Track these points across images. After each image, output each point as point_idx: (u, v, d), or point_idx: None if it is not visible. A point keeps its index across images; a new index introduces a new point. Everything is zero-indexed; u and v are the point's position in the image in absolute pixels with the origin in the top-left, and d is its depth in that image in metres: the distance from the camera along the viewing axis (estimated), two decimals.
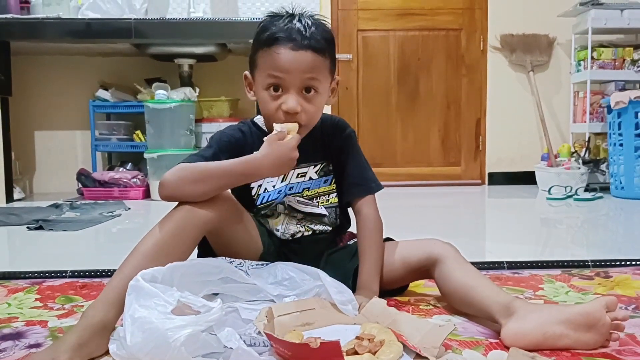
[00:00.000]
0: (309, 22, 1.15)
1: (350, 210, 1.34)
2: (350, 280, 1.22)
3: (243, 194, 1.24)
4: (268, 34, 1.14)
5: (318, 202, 1.27)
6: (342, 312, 1.08)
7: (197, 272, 1.03)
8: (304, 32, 1.12)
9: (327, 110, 3.93)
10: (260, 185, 1.23)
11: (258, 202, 1.23)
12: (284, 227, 1.25)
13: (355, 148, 1.30)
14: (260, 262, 1.17)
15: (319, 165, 1.27)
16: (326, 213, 1.27)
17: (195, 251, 1.20)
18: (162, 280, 0.94)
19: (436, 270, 1.18)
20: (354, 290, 1.16)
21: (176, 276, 0.97)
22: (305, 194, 1.25)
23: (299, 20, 1.14)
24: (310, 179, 1.26)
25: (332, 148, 1.28)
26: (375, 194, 1.29)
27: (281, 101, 1.14)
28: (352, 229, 1.37)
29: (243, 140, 1.23)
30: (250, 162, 1.10)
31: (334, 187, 1.28)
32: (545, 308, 1.02)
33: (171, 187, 1.07)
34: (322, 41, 1.14)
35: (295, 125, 1.14)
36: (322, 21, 1.19)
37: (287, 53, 1.11)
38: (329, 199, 1.28)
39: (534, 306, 1.02)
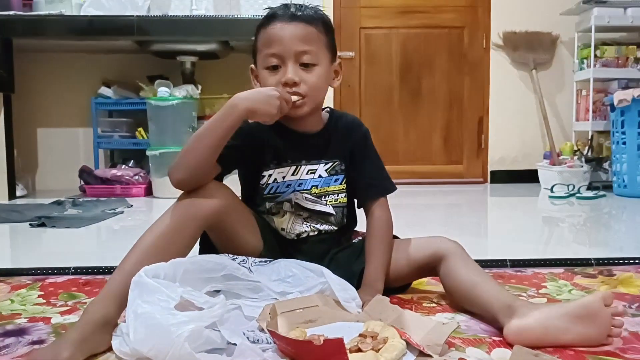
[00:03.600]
0: (304, 6, 1.21)
1: (357, 209, 1.34)
2: (356, 280, 1.21)
3: (252, 184, 1.24)
4: (265, 16, 1.20)
5: (327, 200, 1.26)
6: (345, 309, 1.08)
7: (200, 268, 1.03)
8: (297, 8, 1.19)
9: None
10: (270, 175, 1.23)
11: (265, 192, 1.23)
12: (290, 227, 1.25)
13: (371, 148, 1.30)
14: (264, 259, 1.17)
15: (330, 164, 1.26)
16: (333, 212, 1.26)
17: (197, 248, 1.20)
18: (165, 277, 0.94)
19: (441, 267, 1.19)
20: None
21: (179, 273, 0.97)
22: (313, 192, 1.25)
23: (294, 5, 1.20)
24: (320, 176, 1.25)
25: (346, 147, 1.27)
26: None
27: (280, 75, 1.16)
28: (358, 227, 1.37)
29: (254, 125, 1.22)
30: (230, 100, 1.10)
31: (344, 187, 1.28)
32: (546, 306, 1.02)
33: (175, 169, 1.10)
34: (315, 17, 1.19)
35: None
36: (319, 9, 1.23)
37: (280, 25, 1.17)
38: (337, 199, 1.27)
39: (535, 305, 1.03)
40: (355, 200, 1.33)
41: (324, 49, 1.20)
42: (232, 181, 1.27)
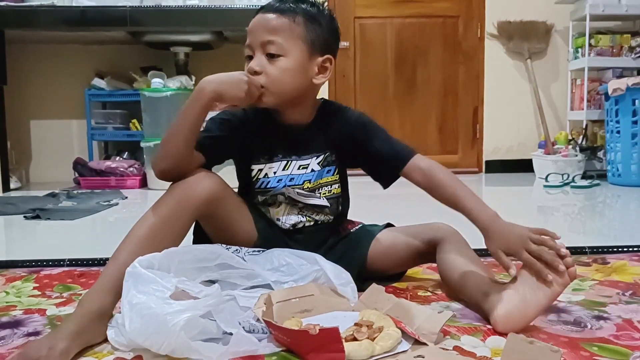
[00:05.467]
0: None
1: (351, 197, 1.34)
2: (356, 269, 1.21)
3: (245, 176, 1.24)
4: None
5: (320, 193, 1.25)
6: (341, 295, 1.08)
7: (194, 258, 1.03)
8: (280, 1, 1.17)
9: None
10: (260, 170, 1.22)
11: (257, 186, 1.22)
12: (285, 217, 1.24)
13: (374, 127, 1.27)
14: (257, 249, 1.17)
15: (322, 156, 1.24)
16: (328, 204, 1.25)
17: (191, 239, 1.20)
18: (158, 267, 0.94)
19: (437, 252, 1.20)
20: (358, 281, 1.16)
21: (173, 262, 0.97)
22: (306, 186, 1.23)
23: None
24: (312, 170, 1.24)
25: (335, 138, 1.25)
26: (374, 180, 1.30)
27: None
28: (354, 217, 1.37)
29: (244, 116, 1.22)
30: (198, 83, 1.09)
31: (337, 178, 1.27)
32: (512, 281, 1.03)
33: (156, 161, 1.10)
34: (296, 10, 1.15)
35: None
36: (312, 2, 1.19)
37: (257, 17, 1.17)
38: (331, 190, 1.26)
39: (502, 285, 1.04)
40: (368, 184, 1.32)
41: (297, 41, 1.15)
42: (227, 172, 1.27)
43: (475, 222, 1.13)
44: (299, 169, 1.23)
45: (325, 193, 1.25)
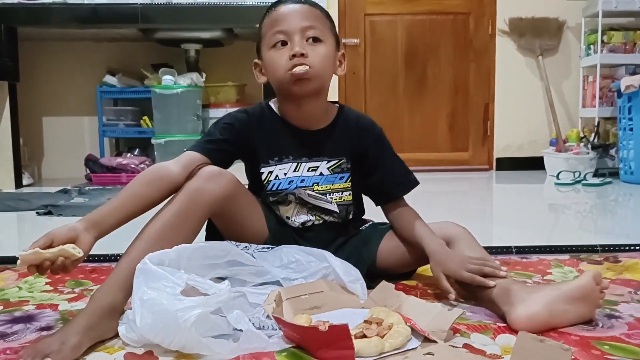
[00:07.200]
0: None
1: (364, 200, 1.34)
2: (365, 267, 1.21)
3: (255, 178, 1.24)
4: (270, 4, 1.22)
5: (332, 198, 1.25)
6: (351, 292, 1.08)
7: (204, 254, 1.03)
8: None
9: (334, 95, 3.91)
10: (271, 172, 1.22)
11: (268, 188, 1.23)
12: (295, 216, 1.24)
13: (388, 147, 1.30)
14: (266, 246, 1.18)
15: (334, 162, 1.24)
16: (337, 210, 1.25)
17: (204, 236, 1.20)
18: (169, 263, 0.95)
19: None
20: (368, 279, 1.16)
21: (183, 259, 0.98)
22: (315, 189, 1.23)
23: None
24: (321, 174, 1.24)
25: (356, 147, 1.26)
26: None
27: (288, 50, 1.15)
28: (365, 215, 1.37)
29: (247, 120, 1.23)
30: None
31: (350, 185, 1.26)
32: (542, 288, 1.03)
33: None
34: (317, 5, 1.21)
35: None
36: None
37: (286, 7, 1.18)
38: (342, 197, 1.26)
39: (531, 288, 1.04)
40: (364, 198, 1.33)
41: (329, 32, 1.20)
42: (239, 170, 1.27)
43: (424, 247, 1.17)
44: (308, 170, 1.23)
45: (336, 199, 1.25)
